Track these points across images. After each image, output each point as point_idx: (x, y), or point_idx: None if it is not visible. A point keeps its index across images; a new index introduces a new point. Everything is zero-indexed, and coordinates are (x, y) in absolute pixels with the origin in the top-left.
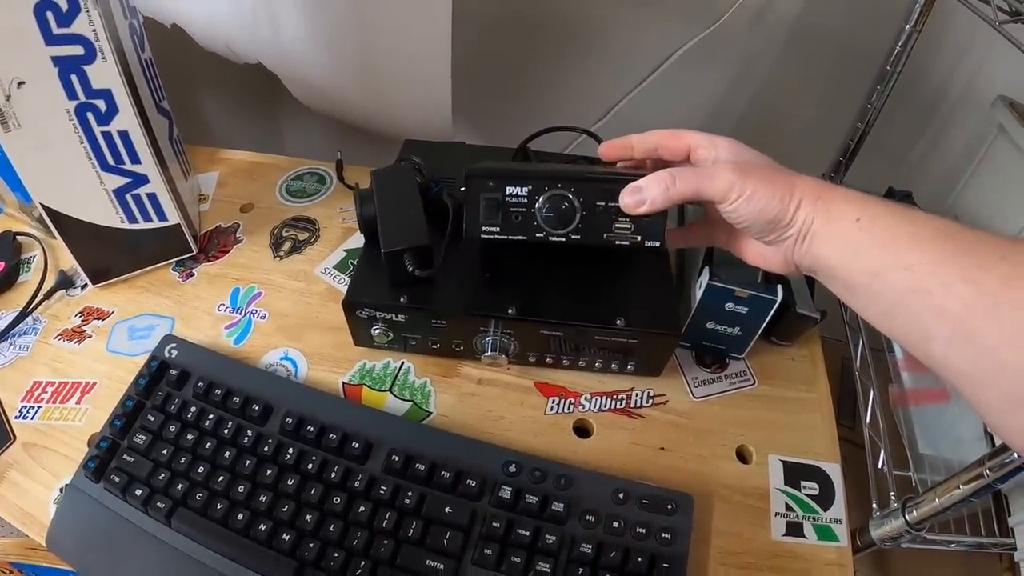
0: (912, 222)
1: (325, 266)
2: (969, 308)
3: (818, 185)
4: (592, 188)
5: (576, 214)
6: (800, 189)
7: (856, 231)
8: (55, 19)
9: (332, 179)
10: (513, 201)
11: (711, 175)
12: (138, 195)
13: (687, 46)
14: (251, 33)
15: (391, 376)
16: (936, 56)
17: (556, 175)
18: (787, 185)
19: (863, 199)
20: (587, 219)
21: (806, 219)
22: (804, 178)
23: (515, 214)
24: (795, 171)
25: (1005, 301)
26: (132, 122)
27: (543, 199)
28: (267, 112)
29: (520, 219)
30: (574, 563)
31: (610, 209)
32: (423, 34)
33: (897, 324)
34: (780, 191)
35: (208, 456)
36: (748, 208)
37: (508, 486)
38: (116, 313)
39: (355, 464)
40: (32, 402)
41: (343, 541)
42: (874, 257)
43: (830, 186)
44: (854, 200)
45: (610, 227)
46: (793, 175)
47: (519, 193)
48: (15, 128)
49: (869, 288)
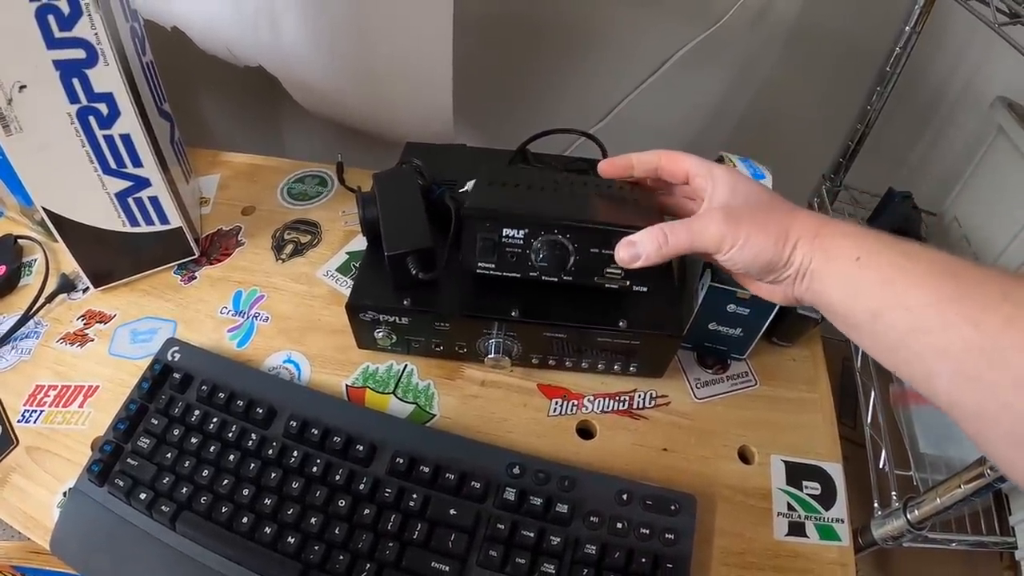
0: (913, 259)
1: (327, 269)
2: (971, 350)
3: (815, 222)
4: (588, 235)
5: (570, 257)
6: (796, 229)
7: (856, 270)
8: (57, 23)
9: (333, 181)
10: (509, 242)
11: (702, 228)
12: (140, 198)
13: (687, 47)
14: (252, 36)
15: (394, 379)
16: (936, 57)
17: (553, 221)
18: (781, 227)
19: (862, 234)
20: (580, 263)
21: (803, 259)
22: (800, 216)
23: (511, 254)
24: (792, 205)
25: (1008, 344)
26: (134, 125)
27: (539, 242)
28: (267, 115)
29: (515, 259)
30: (578, 564)
31: (603, 256)
32: (424, 36)
33: (900, 361)
34: (774, 235)
35: (212, 459)
36: (742, 256)
37: (512, 488)
38: (118, 316)
39: (359, 467)
40: (35, 406)
41: (348, 543)
42: (875, 297)
43: (827, 221)
44: (853, 236)
45: (601, 272)
46: (789, 213)
47: (515, 235)
48: (17, 132)
49: (871, 327)
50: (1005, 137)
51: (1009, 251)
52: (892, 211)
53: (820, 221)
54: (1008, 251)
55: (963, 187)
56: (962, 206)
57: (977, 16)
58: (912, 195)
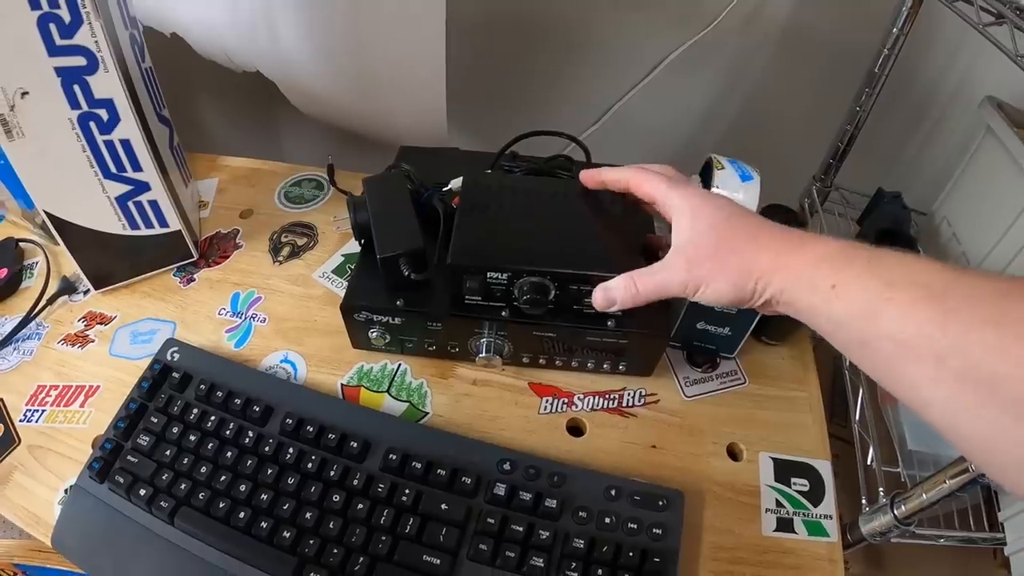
0: (895, 287)
1: (323, 270)
2: (963, 380)
3: (776, 255)
4: (567, 278)
5: (551, 292)
6: (758, 265)
7: (834, 301)
8: (58, 31)
9: (329, 186)
10: (494, 282)
11: (666, 280)
12: (140, 202)
13: (679, 51)
14: (249, 42)
15: (388, 378)
16: (927, 58)
17: (535, 268)
18: (743, 265)
19: (838, 256)
20: (561, 297)
21: (773, 293)
22: (763, 244)
23: (496, 291)
24: (757, 226)
25: (1001, 372)
26: (134, 131)
27: (522, 282)
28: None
29: (500, 294)
30: (567, 558)
31: (582, 291)
32: (417, 41)
33: (892, 385)
34: (735, 274)
35: (210, 456)
36: (708, 298)
37: (503, 483)
38: (119, 318)
39: (353, 463)
40: (36, 405)
41: (342, 537)
42: (857, 328)
43: (794, 247)
44: (828, 260)
45: (580, 301)
46: (750, 242)
47: (500, 277)
48: (19, 137)
49: (858, 353)
50: (993, 137)
51: (997, 250)
52: (881, 210)
53: (786, 248)
54: (996, 250)
55: (953, 187)
56: (952, 205)
57: (962, 17)
58: (901, 195)
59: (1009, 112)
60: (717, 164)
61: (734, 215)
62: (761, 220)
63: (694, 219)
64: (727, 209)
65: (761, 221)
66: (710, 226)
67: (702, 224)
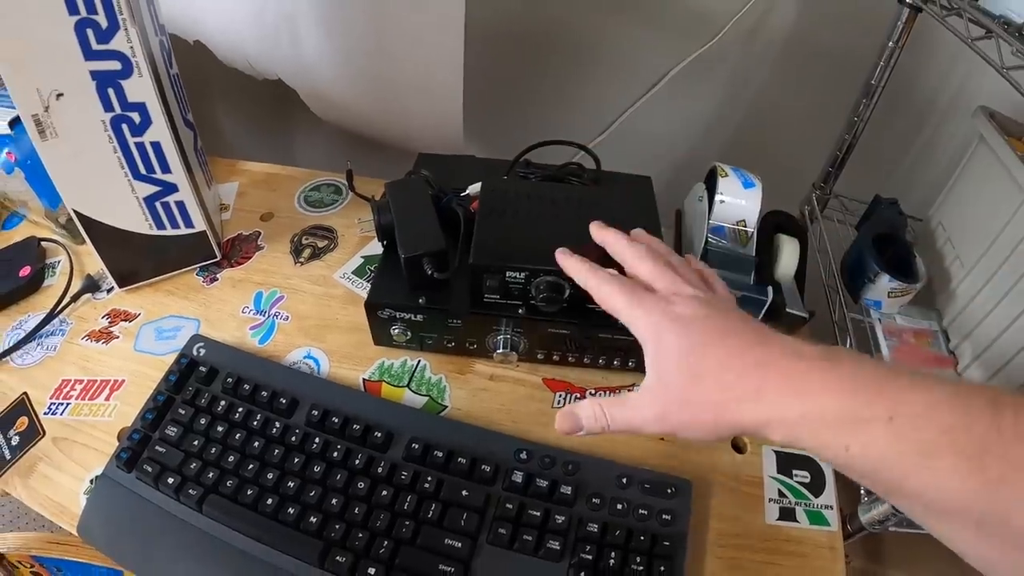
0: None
1: (344, 271)
2: (1005, 542)
3: (771, 403)
4: None
5: (566, 291)
6: (745, 420)
7: (849, 457)
8: (95, 36)
9: (347, 190)
10: (512, 281)
11: (638, 420)
12: (167, 203)
13: (684, 63)
14: (272, 50)
15: (408, 373)
16: (925, 69)
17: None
18: (721, 421)
19: (845, 407)
20: (575, 295)
21: (751, 427)
22: (748, 395)
23: (514, 289)
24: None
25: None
26: (164, 133)
27: (539, 281)
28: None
29: (518, 292)
30: (582, 541)
31: None
32: (437, 53)
33: (924, 525)
34: (714, 429)
35: (238, 446)
36: (681, 437)
37: (520, 471)
38: (143, 315)
39: (377, 452)
40: (61, 399)
41: (367, 522)
42: (881, 481)
43: (789, 391)
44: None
45: (592, 299)
46: (731, 399)
47: (518, 277)
48: (52, 137)
49: (882, 493)
50: (985, 145)
51: (989, 254)
52: (878, 216)
53: (774, 390)
54: (988, 254)
55: (947, 194)
56: (946, 212)
57: (952, 31)
58: (898, 201)
59: (1001, 121)
60: (721, 172)
61: (702, 344)
62: (736, 337)
63: (658, 352)
64: (695, 332)
65: (736, 340)
66: (676, 363)
67: (667, 361)
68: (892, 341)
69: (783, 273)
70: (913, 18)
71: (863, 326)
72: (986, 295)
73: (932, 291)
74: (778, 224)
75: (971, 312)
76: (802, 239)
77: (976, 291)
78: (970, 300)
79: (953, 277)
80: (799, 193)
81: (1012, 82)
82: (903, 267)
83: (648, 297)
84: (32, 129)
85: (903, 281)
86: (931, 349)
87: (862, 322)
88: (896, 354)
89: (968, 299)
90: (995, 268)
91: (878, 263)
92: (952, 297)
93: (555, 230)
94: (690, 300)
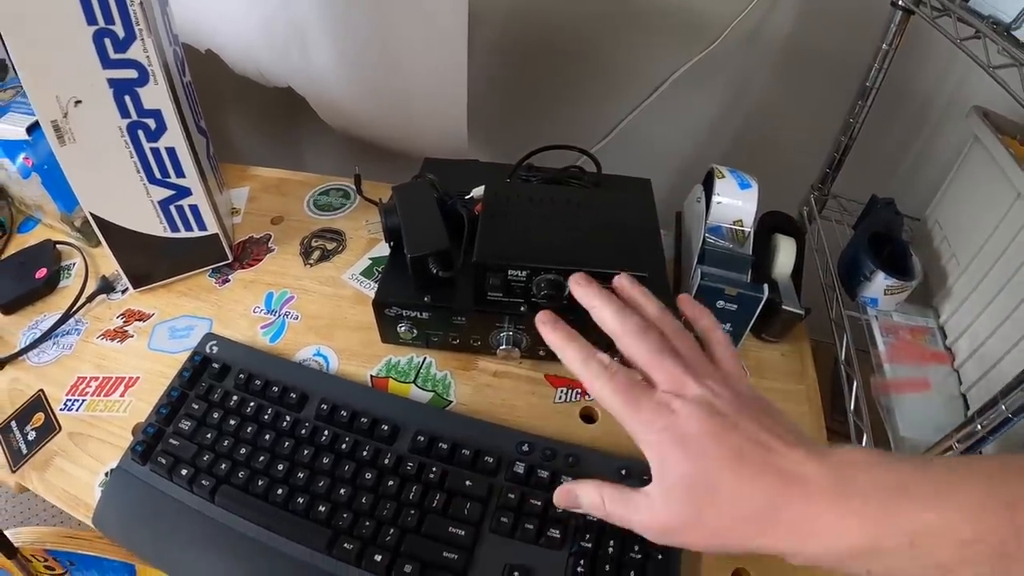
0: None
1: (352, 272)
2: None
3: (786, 536)
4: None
5: (566, 287)
6: (761, 546)
7: (840, 560)
8: (112, 45)
9: (355, 195)
10: (514, 279)
11: (639, 523)
12: (181, 206)
13: (683, 69)
14: (283, 60)
15: (415, 370)
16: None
17: (551, 265)
18: (732, 546)
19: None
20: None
21: (767, 554)
22: (764, 528)
23: (516, 288)
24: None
25: None
26: (178, 139)
27: (539, 280)
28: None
29: (520, 290)
30: (581, 530)
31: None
32: (442, 61)
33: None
34: (709, 545)
35: (249, 439)
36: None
37: (522, 463)
38: (156, 315)
39: (384, 445)
40: (77, 395)
41: (374, 511)
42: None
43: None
44: (857, 548)
45: None
46: (744, 530)
47: (519, 275)
48: (70, 142)
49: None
50: (980, 144)
51: (984, 251)
52: (875, 216)
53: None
54: (983, 251)
55: (944, 193)
56: (943, 210)
57: (941, 32)
58: (894, 201)
59: (995, 120)
60: (718, 173)
61: (712, 470)
62: (749, 465)
63: (663, 473)
64: (703, 456)
65: (749, 469)
66: (684, 491)
67: (674, 486)
68: (889, 338)
69: (780, 272)
70: (906, 20)
71: (860, 323)
72: (981, 292)
73: (929, 290)
74: (775, 224)
75: (967, 309)
76: (799, 239)
77: (972, 288)
78: (966, 297)
79: (949, 275)
80: (798, 194)
81: (999, 80)
82: (899, 265)
83: (647, 402)
84: (51, 134)
85: (899, 278)
86: (928, 345)
87: (859, 319)
88: (892, 351)
89: (964, 296)
90: (990, 265)
91: (874, 261)
92: (948, 294)
93: (556, 230)
94: (695, 407)
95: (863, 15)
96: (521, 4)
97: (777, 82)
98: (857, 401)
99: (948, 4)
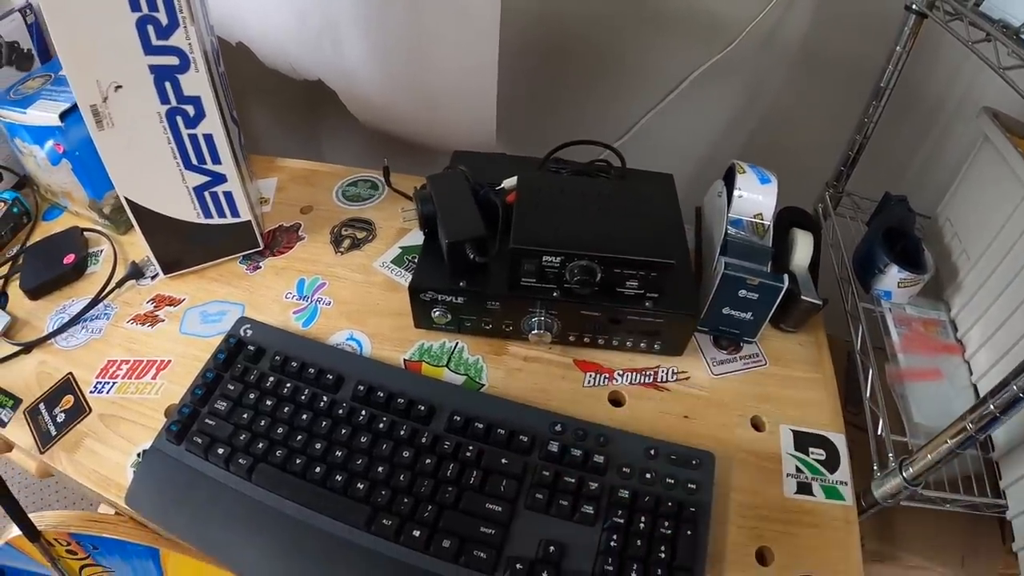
0: None
1: (383, 260)
2: None
3: None
4: (611, 261)
5: (598, 272)
6: None
7: None
8: (155, 32)
9: (383, 186)
10: (548, 265)
11: None
12: (215, 193)
13: (702, 68)
14: (315, 53)
15: (447, 354)
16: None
17: (585, 252)
18: None
19: None
20: (605, 279)
21: None
22: None
23: (550, 273)
24: None
25: None
26: (216, 126)
27: (573, 266)
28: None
29: (553, 276)
30: (613, 506)
31: (625, 274)
32: (474, 57)
33: None
34: None
35: (286, 419)
36: None
37: (555, 442)
38: (187, 300)
39: (420, 425)
40: (107, 378)
41: (412, 489)
42: None
43: None
44: None
45: (623, 283)
46: None
47: (554, 261)
48: (109, 127)
49: None
50: (990, 144)
51: (992, 247)
52: (888, 212)
53: None
54: (991, 247)
55: (954, 191)
56: (954, 208)
57: (954, 34)
58: (907, 198)
59: (1005, 121)
60: (739, 169)
61: None
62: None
63: None
64: None
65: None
66: None
67: None
68: (902, 329)
69: (798, 264)
70: (919, 23)
71: (874, 315)
72: (991, 287)
73: (940, 285)
74: (793, 219)
75: (977, 303)
76: (816, 233)
77: (982, 282)
78: (976, 291)
79: (960, 270)
80: (813, 191)
81: (1009, 81)
82: (912, 260)
83: None
84: (90, 119)
85: (912, 272)
86: (939, 337)
87: (873, 311)
88: (906, 341)
89: (974, 290)
90: (999, 261)
91: (888, 255)
92: (959, 289)
93: (587, 218)
94: None
95: (877, 18)
96: (547, 7)
97: (792, 83)
98: (873, 389)
99: (960, 8)
